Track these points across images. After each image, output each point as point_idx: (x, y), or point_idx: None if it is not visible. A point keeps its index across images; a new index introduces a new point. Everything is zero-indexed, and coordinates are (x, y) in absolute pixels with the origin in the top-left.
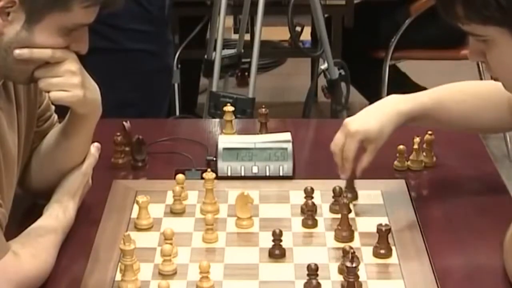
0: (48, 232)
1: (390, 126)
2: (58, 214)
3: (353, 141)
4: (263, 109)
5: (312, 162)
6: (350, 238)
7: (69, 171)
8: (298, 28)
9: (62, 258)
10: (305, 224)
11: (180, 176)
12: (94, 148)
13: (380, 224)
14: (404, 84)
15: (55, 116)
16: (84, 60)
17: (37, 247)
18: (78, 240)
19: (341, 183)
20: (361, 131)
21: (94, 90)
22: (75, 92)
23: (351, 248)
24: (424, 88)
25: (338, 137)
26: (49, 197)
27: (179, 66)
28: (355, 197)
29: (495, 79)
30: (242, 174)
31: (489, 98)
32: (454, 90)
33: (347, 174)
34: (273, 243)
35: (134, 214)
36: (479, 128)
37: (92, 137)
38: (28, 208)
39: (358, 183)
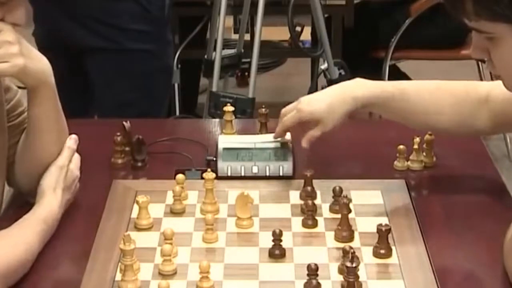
0: (24, 223)
1: (342, 109)
2: (38, 209)
3: (296, 116)
4: (263, 109)
5: (312, 162)
6: (350, 238)
7: (46, 164)
8: (298, 28)
9: (62, 258)
10: (305, 224)
11: (180, 176)
12: (71, 140)
13: (380, 224)
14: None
15: None
16: (84, 60)
17: (9, 234)
18: (78, 240)
19: (342, 183)
20: (305, 111)
21: (38, 60)
22: (14, 62)
23: (351, 248)
24: None
25: (290, 106)
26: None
27: (179, 66)
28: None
29: (497, 77)
30: (242, 174)
31: (460, 97)
32: (423, 85)
33: (276, 136)
34: (273, 243)
35: (134, 214)
36: (440, 128)
37: (62, 119)
38: (25, 207)
39: (358, 183)
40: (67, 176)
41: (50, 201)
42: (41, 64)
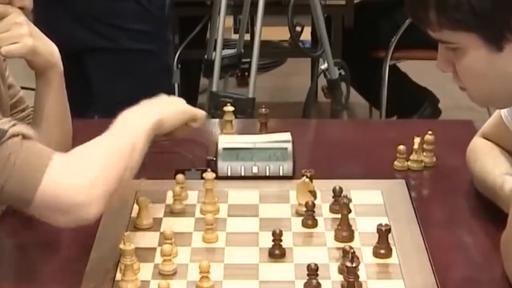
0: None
1: None
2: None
3: None
4: (263, 109)
5: (312, 162)
6: (350, 238)
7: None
8: (298, 28)
9: (62, 258)
10: (305, 224)
11: (180, 176)
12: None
13: (380, 224)
14: (404, 84)
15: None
16: (84, 59)
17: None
18: (78, 240)
19: (342, 183)
20: None
21: (46, 42)
22: (24, 41)
23: (351, 248)
24: (425, 88)
25: None
26: None
27: (179, 66)
28: None
29: (462, 89)
30: (242, 174)
31: None
32: None
33: None
34: (273, 243)
35: (134, 214)
36: None
37: (67, 111)
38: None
39: (358, 183)
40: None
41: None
42: (50, 46)
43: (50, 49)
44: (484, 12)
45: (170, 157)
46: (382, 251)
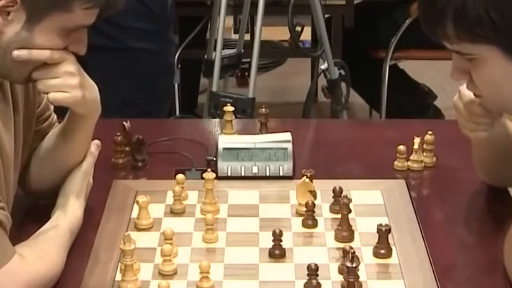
0: (55, 234)
1: None
2: (65, 217)
3: None
4: (263, 109)
5: (312, 162)
6: (350, 238)
7: (69, 171)
8: (298, 28)
9: None
10: (305, 224)
11: (180, 176)
12: (94, 146)
13: (380, 224)
14: (405, 87)
15: (54, 116)
16: (85, 58)
17: (43, 249)
18: (78, 240)
19: (341, 183)
20: None
21: (93, 90)
22: (73, 93)
23: (351, 248)
24: (424, 85)
25: None
26: (49, 197)
27: (179, 66)
28: None
29: (477, 96)
30: (242, 174)
31: None
32: None
33: None
34: (273, 243)
35: (134, 214)
36: None
37: (92, 136)
38: (28, 209)
39: (358, 183)
40: (88, 183)
41: (75, 209)
42: (94, 94)
43: (95, 98)
44: (504, 25)
45: (170, 157)
46: (382, 251)
